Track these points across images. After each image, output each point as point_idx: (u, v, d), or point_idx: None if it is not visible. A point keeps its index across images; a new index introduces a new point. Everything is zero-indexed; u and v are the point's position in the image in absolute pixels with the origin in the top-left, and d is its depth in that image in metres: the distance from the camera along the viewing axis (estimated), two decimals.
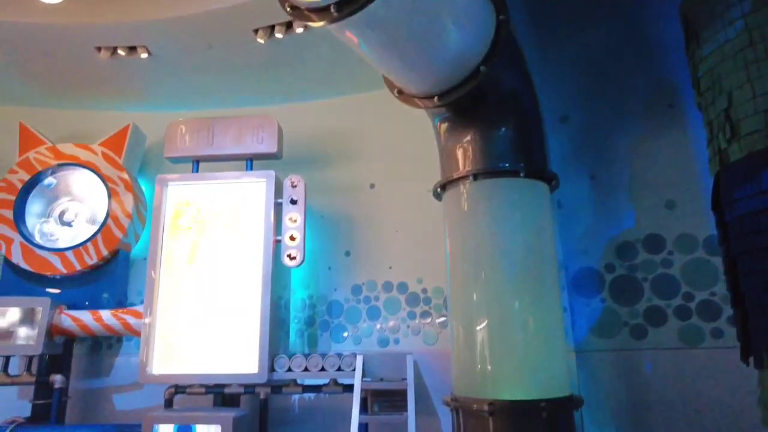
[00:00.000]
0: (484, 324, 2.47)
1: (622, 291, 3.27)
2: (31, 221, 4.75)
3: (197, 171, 4.55)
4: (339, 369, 3.99)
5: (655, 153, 3.33)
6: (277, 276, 4.24)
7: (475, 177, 2.62)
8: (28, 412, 4.23)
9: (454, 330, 2.67)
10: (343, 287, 4.73)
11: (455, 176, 2.72)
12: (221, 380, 3.99)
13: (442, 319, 4.41)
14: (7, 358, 4.12)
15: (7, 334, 4.03)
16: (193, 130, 4.53)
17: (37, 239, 4.69)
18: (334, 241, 4.84)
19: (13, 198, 4.69)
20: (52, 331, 4.16)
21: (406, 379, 3.91)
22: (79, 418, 4.58)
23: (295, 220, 4.31)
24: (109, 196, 4.75)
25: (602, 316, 3.29)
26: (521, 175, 2.59)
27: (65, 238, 4.78)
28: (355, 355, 4.00)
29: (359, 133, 5.03)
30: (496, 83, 2.57)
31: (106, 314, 4.28)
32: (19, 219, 4.66)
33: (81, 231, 4.80)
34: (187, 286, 4.21)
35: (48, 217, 4.82)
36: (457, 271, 2.73)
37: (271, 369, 3.99)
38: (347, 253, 4.80)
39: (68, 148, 4.88)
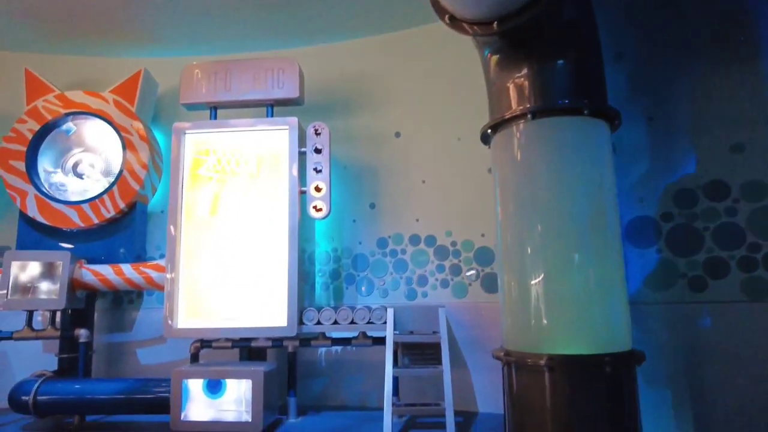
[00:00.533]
0: (540, 278, 2.31)
1: (680, 241, 3.08)
2: (44, 173, 4.57)
3: (215, 118, 4.32)
4: (369, 322, 3.89)
5: (721, 92, 3.05)
6: (301, 228, 4.08)
7: (534, 115, 2.38)
8: (54, 366, 4.19)
9: (505, 284, 2.52)
10: (369, 240, 4.58)
11: (508, 116, 2.49)
12: (249, 334, 3.91)
13: (472, 272, 4.27)
14: (31, 313, 4.04)
15: (28, 288, 3.93)
16: (210, 75, 4.27)
17: (51, 192, 4.52)
18: (358, 193, 4.65)
19: (24, 149, 4.50)
20: (73, 286, 4.05)
21: (437, 332, 3.81)
22: (104, 372, 4.56)
23: (320, 170, 4.12)
24: (124, 147, 4.54)
25: (658, 268, 3.12)
26: (585, 113, 2.34)
27: (79, 191, 4.62)
28: (385, 308, 3.89)
29: (384, 77, 4.75)
30: (557, 12, 2.30)
31: (127, 268, 4.17)
32: (31, 171, 4.48)
33: (96, 183, 4.62)
34: (210, 238, 4.07)
35: (61, 169, 4.63)
36: (509, 222, 2.54)
37: (300, 322, 3.89)
38: (372, 206, 4.62)
39: (78, 96, 4.64)
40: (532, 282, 2.37)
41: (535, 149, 2.38)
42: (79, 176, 4.63)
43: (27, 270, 3.96)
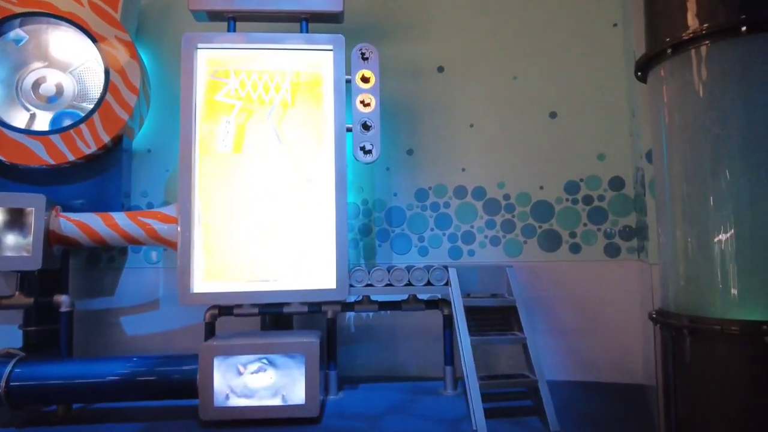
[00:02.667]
0: (728, 234, 1.89)
1: None
2: None
3: (233, 30, 3.45)
4: (428, 283, 3.35)
5: None
6: None
7: (731, 32, 1.85)
8: (16, 342, 3.28)
9: (672, 240, 2.08)
10: (405, 192, 3.98)
11: (686, 37, 1.97)
12: (291, 298, 3.24)
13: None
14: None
15: None
16: None
17: (4, 118, 3.46)
18: (392, 136, 4.00)
19: None
20: (49, 240, 3.13)
21: (498, 295, 3.38)
22: (81, 348, 3.65)
23: (368, 104, 3.43)
24: (106, 64, 3.55)
25: None
26: None
27: (44, 118, 3.59)
28: (446, 268, 3.36)
29: (422, 2, 4.06)
30: None
31: (121, 218, 3.29)
32: None
33: (66, 110, 3.61)
34: (232, 181, 3.29)
35: (16, 90, 3.56)
36: (681, 168, 2.07)
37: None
38: (410, 152, 4.00)
39: None
40: (717, 239, 1.95)
41: (727, 78, 1.89)
42: (49, 100, 3.57)
43: None
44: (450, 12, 4.03)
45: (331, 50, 3.37)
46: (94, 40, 3.55)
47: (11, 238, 3.00)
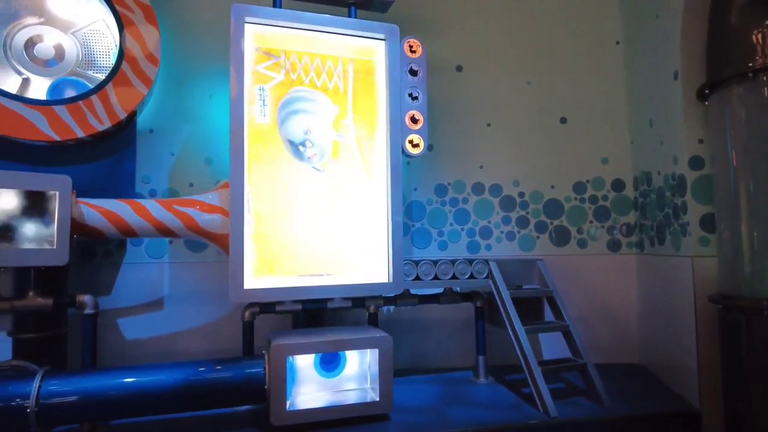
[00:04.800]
0: None
1: None
2: None
3: (280, 7, 3.22)
4: (471, 276, 3.44)
5: None
6: None
7: None
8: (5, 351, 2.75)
9: (738, 234, 2.41)
10: (425, 186, 4.03)
11: (757, 66, 2.30)
12: (347, 293, 3.11)
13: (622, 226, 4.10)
14: (21, 272, 2.55)
15: (3, 232, 2.44)
16: None
17: None
18: None
19: None
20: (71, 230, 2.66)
21: (530, 287, 3.60)
22: (70, 355, 3.14)
23: (417, 97, 3.42)
24: (121, 27, 3.09)
25: None
26: None
27: (40, 85, 3.02)
28: (486, 261, 3.48)
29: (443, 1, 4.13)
30: None
31: (154, 207, 2.89)
32: None
33: (68, 77, 3.07)
34: (279, 170, 3.07)
35: (3, 47, 2.94)
36: (748, 174, 2.40)
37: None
38: (430, 147, 4.04)
39: None
40: None
41: None
42: (47, 63, 3.00)
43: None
44: (470, 14, 4.15)
45: (384, 40, 3.29)
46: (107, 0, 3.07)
47: (31, 228, 2.49)
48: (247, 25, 3.02)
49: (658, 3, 3.45)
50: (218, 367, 2.69)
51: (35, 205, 2.51)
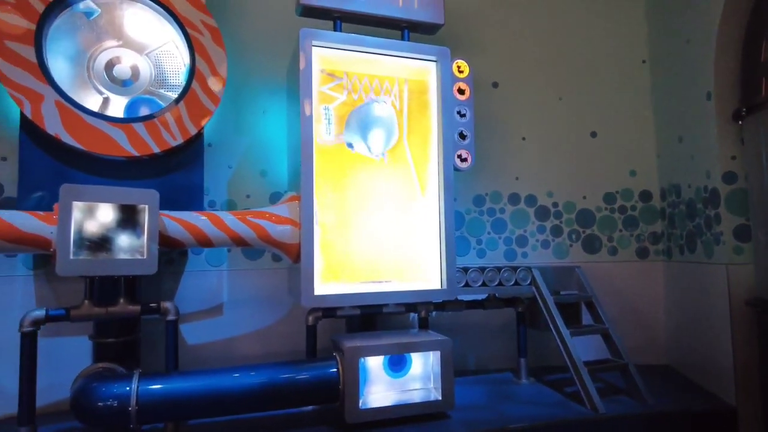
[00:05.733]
0: None
1: None
2: (61, 68, 3.03)
3: (340, 31, 3.42)
4: (516, 283, 3.66)
5: None
6: None
7: None
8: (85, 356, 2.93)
9: None
10: (464, 197, 4.25)
11: None
12: (405, 299, 3.31)
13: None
14: (91, 280, 2.72)
15: (99, 244, 2.61)
16: None
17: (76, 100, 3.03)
18: None
19: (33, 27, 2.90)
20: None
21: (567, 292, 3.82)
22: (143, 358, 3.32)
23: (464, 114, 3.64)
24: (191, 49, 3.28)
25: None
26: None
27: (118, 103, 3.20)
28: (529, 269, 3.70)
29: (486, 19, 4.36)
30: None
31: (229, 218, 3.08)
32: (44, 63, 2.93)
33: (142, 95, 3.26)
34: (342, 182, 3.27)
35: (87, 69, 3.12)
36: None
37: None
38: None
39: None
40: None
41: None
42: (123, 83, 3.19)
43: (97, 215, 2.62)
44: (505, 34, 4.39)
45: (436, 61, 3.51)
46: (179, 22, 3.27)
47: (124, 239, 2.68)
48: (314, 49, 3.22)
49: (688, 28, 3.70)
50: (295, 369, 2.88)
51: (127, 218, 2.70)
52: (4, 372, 3.11)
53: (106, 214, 2.64)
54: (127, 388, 2.53)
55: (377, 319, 3.62)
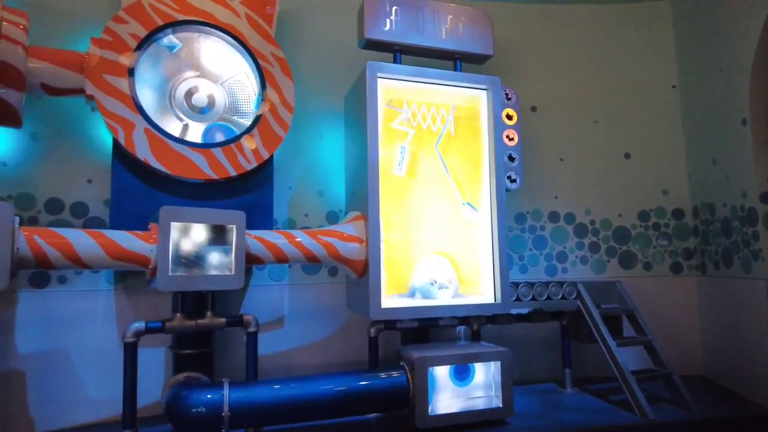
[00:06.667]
0: None
1: None
2: (147, 98, 3.28)
3: (400, 63, 3.68)
4: (562, 297, 3.87)
5: None
6: None
7: None
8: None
9: None
10: (506, 215, 4.45)
11: None
12: (462, 312, 3.51)
13: (665, 242, 4.54)
14: (182, 295, 2.94)
15: (194, 261, 2.84)
16: (400, 10, 3.62)
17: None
18: None
19: (127, 62, 3.16)
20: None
21: (607, 306, 4.01)
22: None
23: (512, 138, 3.88)
24: (262, 79, 3.54)
25: None
26: None
27: (196, 130, 3.45)
28: (575, 284, 3.90)
29: (520, 46, 4.63)
30: None
31: (303, 237, 3.31)
32: (136, 94, 3.18)
33: (217, 122, 3.51)
34: (405, 203, 3.50)
35: (169, 99, 3.38)
36: None
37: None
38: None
39: (199, 1, 3.43)
40: None
41: None
42: (199, 111, 3.44)
43: (191, 235, 2.85)
44: (543, 62, 4.65)
45: (486, 89, 3.76)
46: (251, 54, 3.53)
47: (215, 256, 2.90)
48: (379, 81, 3.47)
49: (721, 57, 3.96)
50: (367, 377, 3.09)
51: (217, 237, 2.92)
52: (90, 382, 3.33)
53: (199, 234, 2.87)
54: (220, 396, 2.74)
55: (430, 331, 3.83)
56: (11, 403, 3.14)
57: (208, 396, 2.74)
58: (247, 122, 3.52)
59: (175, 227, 2.78)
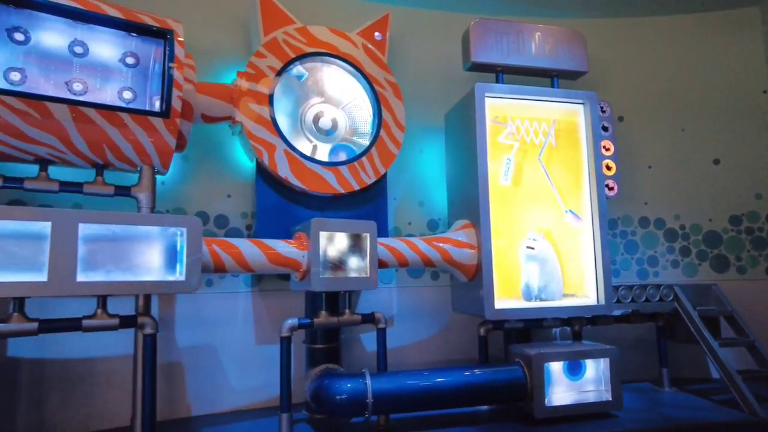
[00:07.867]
0: None
1: None
2: (283, 122, 3.72)
3: (502, 82, 3.98)
4: (660, 299, 4.04)
5: None
6: None
7: None
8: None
9: None
10: None
11: None
12: (569, 314, 3.76)
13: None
14: (327, 294, 3.34)
15: (337, 265, 3.23)
16: (501, 34, 3.93)
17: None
18: None
19: (267, 91, 3.61)
20: None
21: (702, 308, 4.14)
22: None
23: (609, 149, 4.11)
24: (377, 102, 3.92)
25: None
26: None
27: (323, 150, 3.86)
28: (671, 287, 4.07)
29: (607, 58, 4.84)
30: None
31: (421, 243, 3.65)
32: (275, 119, 3.63)
33: (340, 143, 3.91)
34: (510, 212, 3.79)
35: (300, 122, 3.81)
36: None
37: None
38: None
39: (323, 33, 3.86)
40: None
41: None
42: (325, 133, 3.86)
43: (335, 243, 3.25)
44: (629, 72, 4.85)
45: (583, 104, 4.01)
46: (367, 80, 3.92)
47: (353, 261, 3.28)
48: (486, 100, 3.79)
49: None
50: (487, 371, 3.39)
51: (355, 244, 3.30)
52: (233, 373, 3.78)
53: (341, 242, 3.26)
54: (363, 384, 3.10)
55: (532, 331, 4.09)
56: (174, 390, 3.62)
57: (352, 384, 3.11)
58: (365, 142, 3.91)
59: (323, 236, 3.18)
